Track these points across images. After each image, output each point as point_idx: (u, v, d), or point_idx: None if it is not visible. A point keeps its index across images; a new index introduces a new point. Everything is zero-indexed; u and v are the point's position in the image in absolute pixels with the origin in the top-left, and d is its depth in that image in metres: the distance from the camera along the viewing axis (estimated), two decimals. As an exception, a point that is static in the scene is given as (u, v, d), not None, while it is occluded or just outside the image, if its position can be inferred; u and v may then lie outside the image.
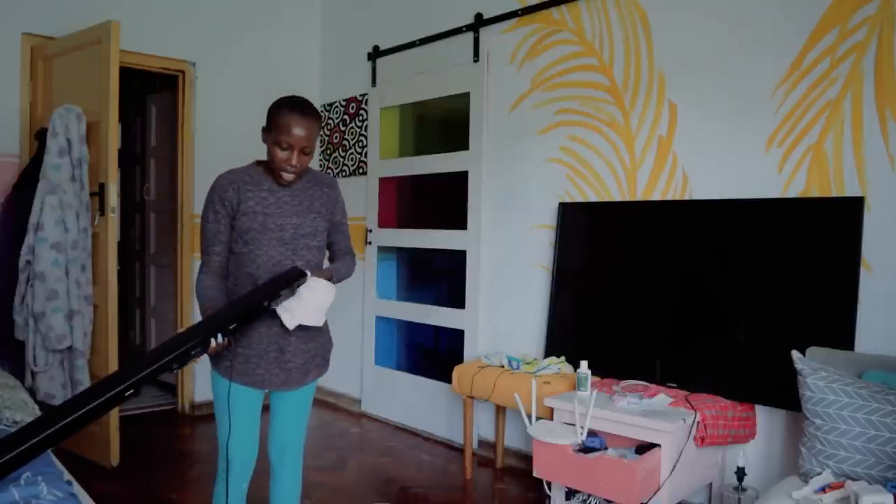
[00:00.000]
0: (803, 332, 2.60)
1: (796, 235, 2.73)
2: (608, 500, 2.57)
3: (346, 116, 4.97)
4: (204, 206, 2.17)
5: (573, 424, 2.66)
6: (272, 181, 2.16)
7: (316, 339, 2.25)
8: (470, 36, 4.04)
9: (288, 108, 2.06)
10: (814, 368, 2.25)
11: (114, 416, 3.52)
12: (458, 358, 4.02)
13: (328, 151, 5.14)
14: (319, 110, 5.15)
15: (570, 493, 2.78)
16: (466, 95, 4.05)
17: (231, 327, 1.94)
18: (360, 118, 4.83)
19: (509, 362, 3.43)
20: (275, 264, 2.13)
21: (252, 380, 2.15)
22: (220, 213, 2.13)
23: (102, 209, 3.54)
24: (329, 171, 5.13)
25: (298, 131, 2.04)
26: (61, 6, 4.00)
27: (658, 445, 2.53)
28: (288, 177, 2.12)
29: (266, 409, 2.24)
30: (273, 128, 2.07)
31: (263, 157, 2.18)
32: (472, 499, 3.37)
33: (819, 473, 2.17)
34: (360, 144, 4.82)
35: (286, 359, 2.17)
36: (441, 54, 4.23)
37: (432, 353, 4.74)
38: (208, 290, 2.15)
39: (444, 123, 4.61)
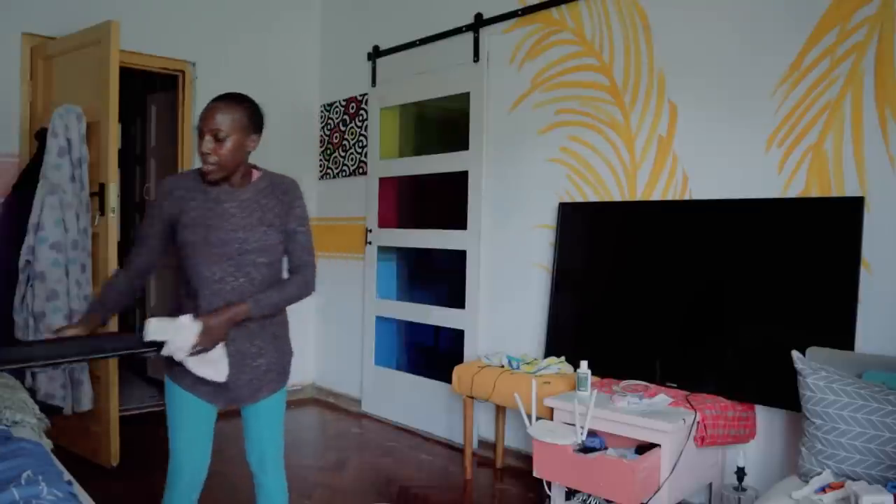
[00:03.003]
0: (803, 332, 2.60)
1: (796, 235, 2.73)
2: (608, 500, 2.57)
3: (346, 116, 4.97)
4: (148, 205, 2.08)
5: (573, 424, 2.66)
6: (219, 189, 2.02)
7: (266, 355, 2.09)
8: (470, 36, 4.04)
9: (211, 100, 1.99)
10: (814, 368, 2.25)
11: (114, 416, 3.52)
12: (458, 358, 4.02)
13: (328, 151, 5.13)
14: (319, 110, 5.21)
15: (570, 493, 2.78)
16: (466, 95, 4.05)
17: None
18: (360, 118, 4.83)
19: (509, 362, 3.43)
20: (216, 281, 1.99)
21: (200, 393, 2.05)
22: (157, 218, 2.02)
23: (102, 209, 3.54)
24: (329, 171, 5.13)
25: (210, 115, 1.93)
26: (61, 6, 4.00)
27: (658, 445, 2.53)
28: (208, 168, 1.95)
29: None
30: (200, 122, 1.98)
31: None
32: (472, 499, 3.37)
33: (819, 473, 2.17)
34: (360, 144, 4.82)
35: (233, 376, 2.03)
36: (441, 54, 4.23)
37: (432, 353, 4.75)
38: (106, 283, 2.08)
39: (444, 123, 4.61)
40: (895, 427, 2.07)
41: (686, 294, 3.04)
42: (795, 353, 2.32)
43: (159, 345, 1.87)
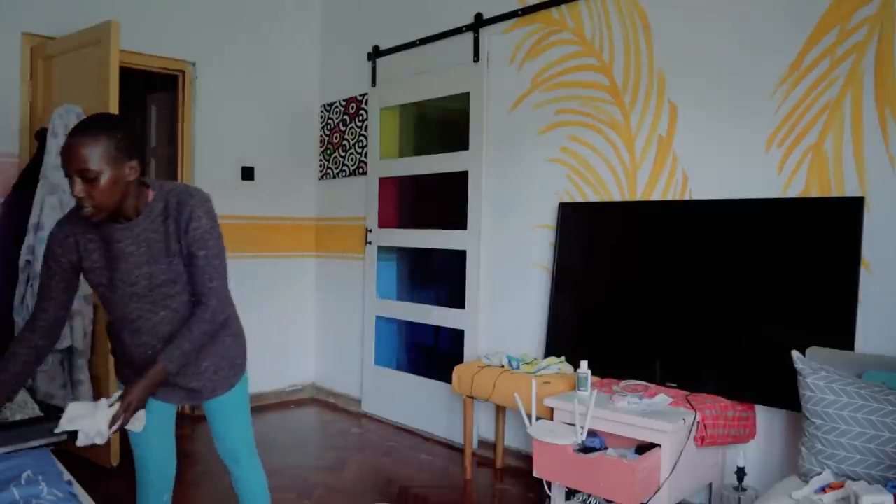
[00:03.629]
0: (803, 332, 2.60)
1: (796, 235, 2.73)
2: (608, 500, 2.56)
3: (346, 116, 4.97)
4: (44, 257, 1.88)
5: (573, 424, 2.66)
6: (111, 227, 1.83)
7: (210, 357, 2.01)
8: (470, 36, 4.04)
9: (69, 134, 1.71)
10: (814, 368, 2.25)
11: (114, 416, 3.52)
12: (458, 358, 4.02)
13: (328, 151, 5.14)
14: (319, 110, 5.20)
15: (570, 493, 2.78)
16: (466, 95, 4.05)
17: None
18: (360, 118, 4.83)
19: (509, 362, 3.43)
20: (135, 320, 1.90)
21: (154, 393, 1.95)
22: (55, 269, 1.86)
23: (102, 209, 3.53)
24: (329, 171, 5.12)
25: (71, 153, 1.67)
26: (61, 6, 4.00)
27: (658, 445, 2.53)
28: (87, 212, 1.73)
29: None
30: None
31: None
32: (472, 499, 3.37)
33: (819, 473, 2.17)
34: (360, 144, 4.82)
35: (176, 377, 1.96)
36: (441, 54, 4.23)
37: (432, 353, 4.75)
38: (3, 361, 1.88)
39: (444, 123, 4.61)
40: (895, 427, 2.07)
41: (686, 294, 3.04)
42: (795, 353, 2.32)
43: (72, 434, 1.78)
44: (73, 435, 1.78)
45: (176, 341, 1.85)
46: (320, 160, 5.21)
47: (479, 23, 3.95)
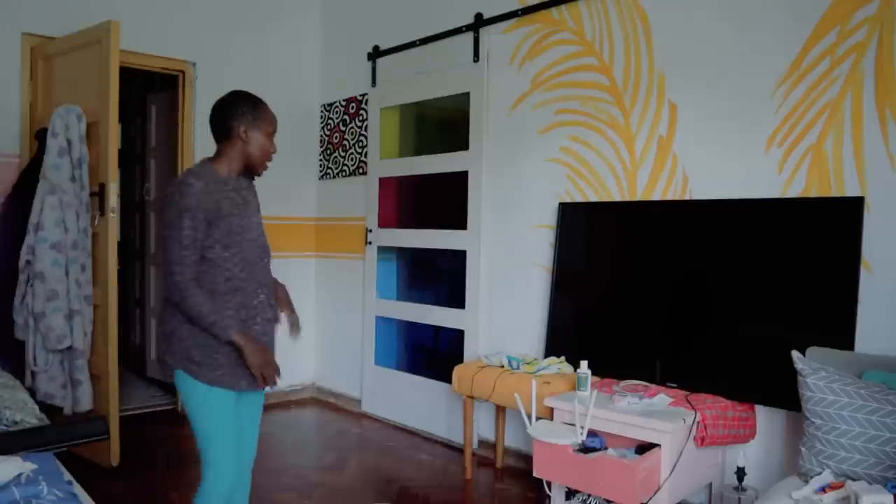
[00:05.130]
0: (803, 332, 2.60)
1: (796, 235, 2.73)
2: (608, 500, 2.56)
3: (346, 116, 4.97)
4: (176, 212, 1.98)
5: (573, 424, 2.66)
6: (235, 179, 2.15)
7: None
8: (470, 36, 4.04)
9: (263, 102, 2.19)
10: (814, 368, 2.25)
11: (114, 416, 3.52)
12: (458, 358, 4.02)
13: (328, 151, 5.14)
14: (319, 110, 5.21)
15: (570, 493, 2.78)
16: (466, 95, 4.05)
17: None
18: (360, 118, 4.83)
19: (509, 362, 3.43)
20: (250, 264, 2.11)
21: (238, 381, 2.09)
22: (199, 219, 1.99)
23: (102, 209, 3.54)
24: (329, 171, 5.13)
25: (275, 117, 2.21)
26: (61, 6, 4.00)
27: (658, 445, 2.53)
28: (268, 165, 2.21)
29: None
30: (262, 120, 2.15)
31: None
32: (472, 499, 3.37)
33: (819, 473, 2.17)
34: (360, 144, 4.82)
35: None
36: (441, 54, 4.23)
37: (432, 353, 4.74)
38: (207, 304, 1.99)
39: (444, 123, 4.61)
40: (895, 427, 2.07)
41: (686, 294, 3.04)
42: (795, 353, 2.32)
43: None
44: None
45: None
46: (320, 160, 5.21)
47: (479, 23, 3.96)
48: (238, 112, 2.11)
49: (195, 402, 2.10)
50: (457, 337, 4.14)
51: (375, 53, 4.68)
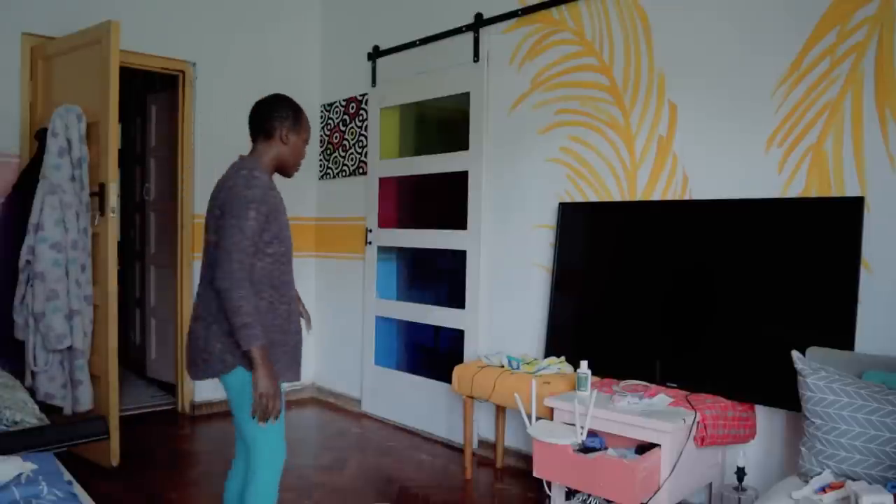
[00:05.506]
0: (803, 332, 2.60)
1: (796, 235, 2.73)
2: (608, 500, 2.57)
3: (346, 116, 4.97)
4: (243, 203, 1.99)
5: (573, 424, 2.66)
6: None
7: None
8: (470, 36, 4.04)
9: (303, 110, 2.26)
10: (814, 368, 2.25)
11: (114, 416, 3.52)
12: (458, 358, 4.02)
13: (328, 151, 5.14)
14: (319, 110, 5.21)
15: (570, 493, 2.78)
16: (466, 95, 4.06)
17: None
18: (360, 118, 4.83)
19: (509, 362, 3.43)
20: (291, 260, 2.20)
21: (286, 374, 2.16)
22: (262, 212, 2.02)
23: (102, 209, 3.54)
24: (329, 171, 5.13)
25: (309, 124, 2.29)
26: (61, 6, 4.01)
27: (658, 445, 2.53)
28: (298, 168, 2.30)
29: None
30: (301, 127, 2.23)
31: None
32: (472, 499, 3.37)
33: (819, 473, 2.17)
34: (360, 144, 4.82)
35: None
36: (441, 54, 4.23)
37: (432, 353, 4.74)
38: (250, 304, 1.96)
39: (444, 123, 4.61)
40: (895, 427, 2.07)
41: (686, 294, 3.04)
42: (795, 353, 2.32)
43: None
44: None
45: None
46: (320, 160, 5.21)
47: (479, 23, 3.96)
48: (281, 115, 2.18)
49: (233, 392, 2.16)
50: (457, 337, 4.14)
51: (375, 53, 4.68)
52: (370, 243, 4.70)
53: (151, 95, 5.41)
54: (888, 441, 2.08)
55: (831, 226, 2.63)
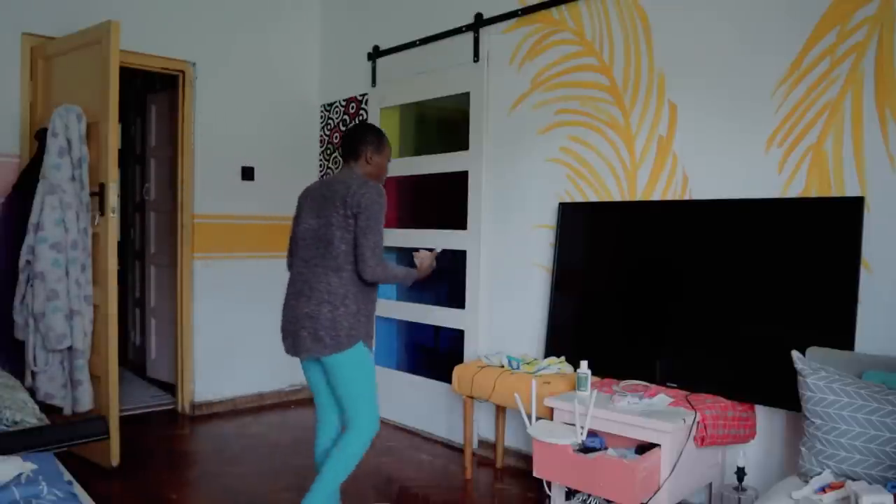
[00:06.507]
0: (803, 332, 2.60)
1: (796, 235, 2.73)
2: (608, 500, 2.57)
3: (346, 116, 4.97)
4: (377, 209, 2.54)
5: (573, 424, 2.66)
6: None
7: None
8: (470, 36, 4.04)
9: (385, 135, 2.79)
10: (814, 368, 2.25)
11: (114, 416, 3.52)
12: (458, 358, 4.02)
13: (328, 151, 5.14)
14: (319, 110, 5.21)
15: (570, 493, 2.78)
16: (466, 95, 4.05)
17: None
18: (361, 118, 4.83)
19: (509, 362, 3.43)
20: None
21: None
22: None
23: (102, 209, 3.54)
24: (329, 171, 5.13)
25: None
26: (61, 6, 4.00)
27: (658, 445, 2.53)
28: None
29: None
30: (383, 149, 2.76)
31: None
32: (472, 499, 3.37)
33: (819, 473, 2.17)
34: (360, 144, 4.81)
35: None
36: (441, 54, 4.23)
37: (432, 353, 4.74)
38: (397, 267, 2.66)
39: (444, 123, 4.61)
40: (895, 427, 2.07)
41: (686, 294, 3.04)
42: (795, 353, 2.32)
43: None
44: None
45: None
46: (320, 160, 5.21)
47: (479, 23, 3.96)
48: (367, 140, 2.72)
49: (368, 366, 2.66)
50: (457, 337, 4.14)
51: (375, 53, 4.68)
52: (370, 243, 4.69)
53: (151, 95, 5.41)
54: (888, 441, 2.08)
55: (831, 226, 2.63)
